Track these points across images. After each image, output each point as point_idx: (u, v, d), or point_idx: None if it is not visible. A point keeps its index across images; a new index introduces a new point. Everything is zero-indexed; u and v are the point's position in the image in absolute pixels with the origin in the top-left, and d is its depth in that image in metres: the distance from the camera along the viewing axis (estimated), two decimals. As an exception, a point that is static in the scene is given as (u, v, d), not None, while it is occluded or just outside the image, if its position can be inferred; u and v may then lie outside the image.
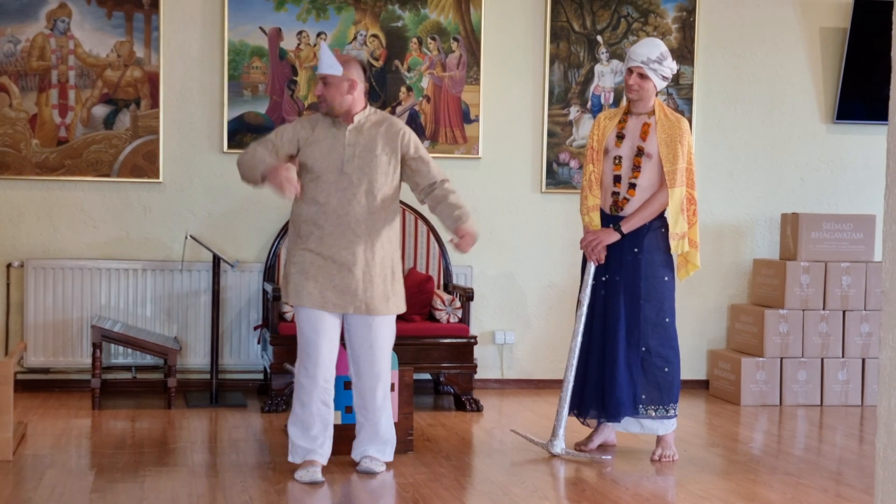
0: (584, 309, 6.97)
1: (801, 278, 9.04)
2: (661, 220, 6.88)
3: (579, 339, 6.97)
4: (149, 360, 8.78)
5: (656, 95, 6.95)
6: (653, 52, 6.78)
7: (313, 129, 6.30)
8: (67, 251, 8.82)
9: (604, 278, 6.95)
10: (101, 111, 8.76)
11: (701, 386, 9.52)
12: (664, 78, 6.85)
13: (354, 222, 6.23)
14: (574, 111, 9.33)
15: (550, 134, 9.31)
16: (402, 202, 8.83)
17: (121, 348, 8.72)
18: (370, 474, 6.38)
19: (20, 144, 8.68)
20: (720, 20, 9.57)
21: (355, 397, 6.46)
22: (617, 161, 6.91)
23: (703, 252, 8.37)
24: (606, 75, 9.37)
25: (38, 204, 8.78)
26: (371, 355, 6.34)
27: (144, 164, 8.80)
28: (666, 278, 6.90)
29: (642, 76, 6.82)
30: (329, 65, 6.21)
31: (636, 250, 6.87)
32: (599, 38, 9.33)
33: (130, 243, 8.86)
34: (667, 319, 6.89)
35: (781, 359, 9.00)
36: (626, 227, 6.83)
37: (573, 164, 9.31)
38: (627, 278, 6.87)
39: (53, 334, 8.71)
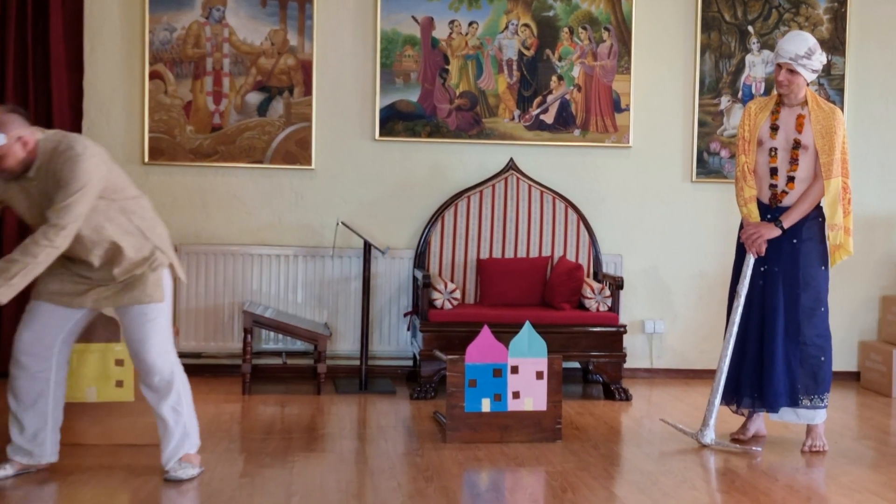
0: (742, 300, 6.84)
1: (957, 270, 8.81)
2: (818, 210, 6.79)
3: (735, 329, 6.84)
4: (299, 345, 8.72)
5: (807, 86, 6.84)
6: (801, 48, 6.66)
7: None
8: (220, 237, 8.82)
9: (762, 268, 6.83)
10: (254, 98, 8.75)
11: (852, 378, 9.30)
12: (814, 71, 6.75)
13: None
14: (725, 101, 9.16)
15: (701, 123, 9.15)
16: (550, 189, 8.86)
17: (271, 334, 8.69)
18: None
19: (175, 131, 8.70)
20: (873, 11, 9.34)
21: None
22: (772, 153, 6.80)
23: (855, 243, 8.12)
24: (757, 65, 9.17)
25: (191, 190, 8.79)
26: None
27: (297, 151, 8.76)
28: (822, 267, 6.80)
29: (791, 71, 6.71)
30: None
31: (794, 241, 6.76)
32: (750, 28, 9.15)
33: (282, 229, 8.81)
34: (822, 309, 6.80)
35: (937, 351, 8.82)
36: (787, 222, 6.73)
37: (724, 153, 9.15)
38: (786, 268, 6.77)
39: (205, 319, 8.72)
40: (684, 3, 9.12)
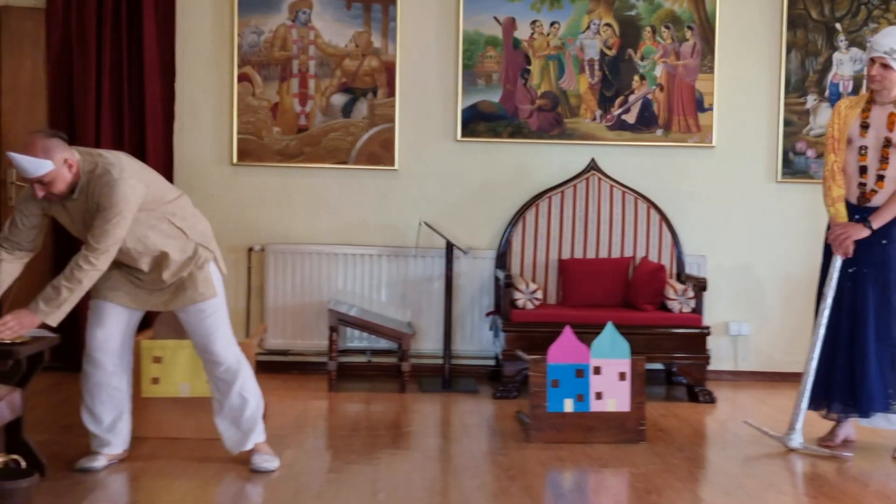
0: (829, 302, 6.77)
1: None
2: None
3: (822, 332, 6.78)
4: (383, 344, 8.83)
5: None
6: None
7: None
8: (306, 236, 8.95)
9: (850, 270, 6.75)
10: (339, 100, 8.88)
11: None
12: None
13: None
14: (811, 100, 9.10)
15: (787, 123, 9.10)
16: (632, 189, 8.86)
17: (356, 332, 8.81)
18: None
19: (262, 132, 8.85)
20: None
21: None
22: (862, 151, 6.72)
23: None
24: (845, 63, 9.11)
25: (278, 190, 8.93)
26: None
27: (381, 152, 8.87)
28: None
29: (885, 66, 6.62)
30: (37, 166, 5.52)
31: (884, 241, 6.67)
32: (838, 25, 9.09)
33: (366, 229, 8.93)
34: None
35: None
36: (877, 223, 6.64)
37: (810, 153, 9.10)
38: (876, 270, 6.68)
39: (292, 317, 8.85)
40: (769, 1, 9.09)
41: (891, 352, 6.64)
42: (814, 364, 6.78)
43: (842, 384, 6.75)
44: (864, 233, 6.65)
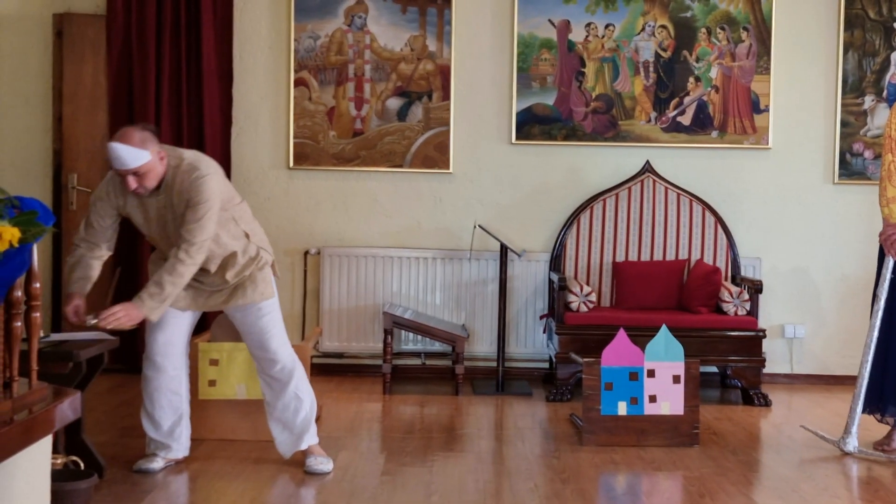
0: (882, 303, 6.73)
1: None
2: None
3: (875, 333, 6.74)
4: (437, 346, 8.93)
5: None
6: None
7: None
8: (361, 239, 9.06)
9: None
10: (394, 103, 8.98)
11: None
12: None
13: None
14: (869, 100, 9.10)
15: (844, 124, 9.11)
16: (687, 192, 8.86)
17: (411, 335, 8.92)
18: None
19: (318, 136, 8.97)
20: None
21: None
22: None
23: None
24: None
25: (334, 193, 9.05)
26: None
27: (436, 155, 8.98)
28: None
29: None
30: (135, 157, 5.64)
31: None
32: None
33: (421, 232, 9.04)
34: None
35: None
36: None
37: (867, 154, 9.09)
38: None
39: (347, 320, 8.96)
40: (826, 0, 9.10)
41: None
42: (868, 367, 6.73)
43: (895, 387, 6.73)
44: None
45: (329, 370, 9.01)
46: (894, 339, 6.74)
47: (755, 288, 8.34)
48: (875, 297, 6.79)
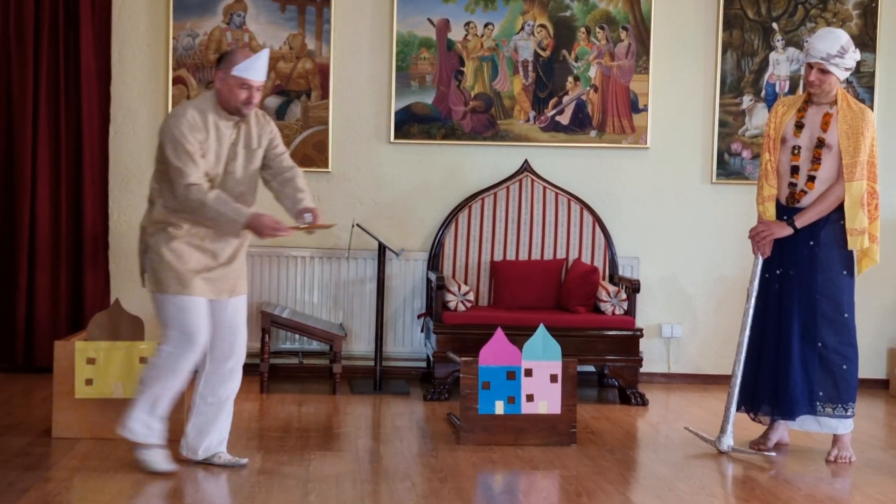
0: (753, 302, 6.94)
1: None
2: (839, 213, 6.78)
3: (747, 332, 6.95)
4: (315, 345, 9.06)
5: (839, 85, 6.86)
6: (833, 47, 6.65)
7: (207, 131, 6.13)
8: None
9: (778, 272, 6.91)
10: (273, 102, 9.08)
11: (880, 386, 9.36)
12: (847, 70, 6.74)
13: None
14: (747, 100, 9.33)
15: (722, 124, 9.32)
16: (565, 191, 9.03)
17: (288, 334, 9.03)
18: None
19: None
20: None
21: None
22: (795, 151, 6.85)
23: (885, 245, 8.19)
24: (782, 63, 9.32)
25: None
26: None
27: (314, 154, 9.11)
28: (844, 272, 6.80)
29: (823, 71, 6.70)
30: (265, 71, 6.13)
31: (812, 243, 6.80)
32: (775, 25, 9.31)
33: (299, 231, 9.06)
34: (845, 315, 6.79)
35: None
36: (800, 222, 6.79)
37: (745, 154, 9.31)
38: (803, 273, 6.81)
39: None
40: (705, 1, 9.29)
41: (818, 355, 6.78)
42: (740, 366, 6.93)
43: (767, 387, 6.90)
44: (786, 231, 6.80)
45: (205, 371, 9.09)
46: (767, 338, 6.91)
47: (633, 287, 8.55)
48: (747, 294, 6.98)
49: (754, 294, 6.96)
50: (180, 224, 6.06)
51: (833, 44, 6.67)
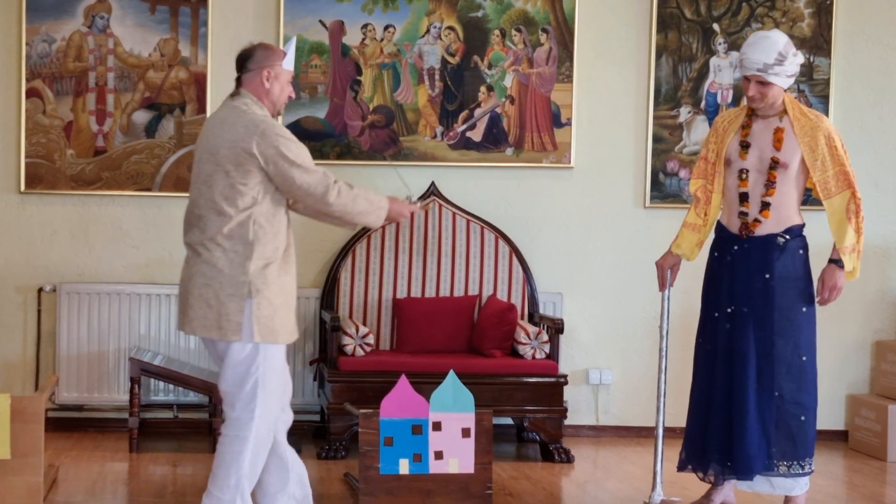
0: (665, 342, 7.27)
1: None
2: (799, 241, 6.93)
3: (664, 377, 7.28)
4: (192, 397, 9.25)
5: (785, 93, 6.92)
6: (769, 55, 6.69)
7: None
8: (104, 274, 9.38)
9: (729, 310, 6.98)
10: (142, 117, 9.31)
11: (839, 437, 9.70)
12: (790, 76, 6.79)
13: None
14: (685, 112, 9.67)
15: (657, 139, 9.65)
16: (478, 218, 9.26)
17: (161, 384, 9.22)
18: None
19: (54, 155, 9.25)
20: (864, 4, 9.84)
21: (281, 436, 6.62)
22: (743, 175, 6.92)
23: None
24: (724, 70, 9.66)
25: (72, 221, 9.34)
26: None
27: (189, 177, 9.26)
28: (804, 309, 6.90)
29: (763, 83, 6.77)
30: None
31: (767, 276, 6.88)
32: (716, 26, 9.65)
33: (174, 265, 8.80)
34: (803, 358, 6.86)
35: (938, 405, 9.15)
36: (848, 261, 6.95)
37: (683, 173, 9.60)
38: (757, 309, 6.88)
39: (88, 367, 9.24)
40: None
41: (774, 405, 6.86)
42: (662, 415, 7.25)
43: (719, 442, 6.94)
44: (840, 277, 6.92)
45: (67, 425, 9.25)
46: (717, 387, 6.98)
47: (556, 327, 8.82)
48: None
49: (665, 329, 7.30)
50: (277, 255, 6.36)
51: (769, 51, 6.72)
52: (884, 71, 9.86)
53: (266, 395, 6.25)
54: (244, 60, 6.41)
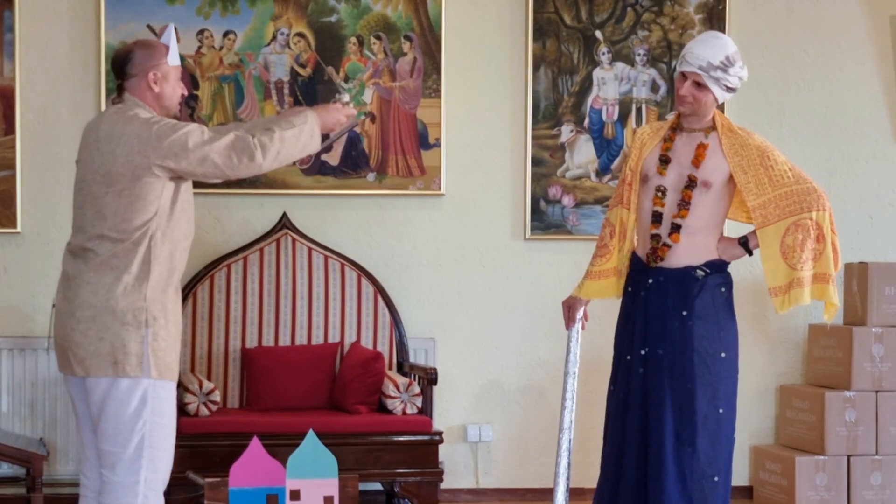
0: (573, 385, 7.00)
1: (872, 349, 9.12)
2: (719, 276, 6.75)
3: (567, 434, 7.03)
4: (6, 468, 8.89)
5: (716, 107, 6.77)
6: (715, 55, 6.53)
7: None
8: None
9: (643, 352, 6.78)
10: None
11: (743, 494, 9.57)
12: (728, 89, 6.64)
13: None
14: (567, 131, 9.49)
15: (536, 162, 9.48)
16: (337, 253, 9.11)
17: (-33, 455, 8.86)
18: None
19: None
20: (759, 10, 9.70)
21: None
22: (660, 193, 6.74)
23: (743, 318, 8.18)
24: (609, 83, 9.52)
25: None
26: None
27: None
28: (723, 354, 6.71)
29: (699, 85, 6.60)
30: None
31: (685, 314, 6.70)
32: (598, 33, 9.52)
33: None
34: (720, 411, 6.71)
35: (848, 457, 9.11)
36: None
37: (566, 201, 9.46)
38: (674, 353, 6.69)
39: None
40: (510, 3, 9.44)
41: (694, 460, 6.67)
42: (563, 466, 7.01)
43: (632, 501, 6.76)
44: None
45: None
46: (630, 439, 6.76)
47: (428, 378, 8.63)
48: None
49: (570, 380, 7.03)
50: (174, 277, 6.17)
51: (717, 52, 6.56)
52: (782, 84, 9.79)
53: (154, 452, 6.00)
54: (122, 65, 6.12)
